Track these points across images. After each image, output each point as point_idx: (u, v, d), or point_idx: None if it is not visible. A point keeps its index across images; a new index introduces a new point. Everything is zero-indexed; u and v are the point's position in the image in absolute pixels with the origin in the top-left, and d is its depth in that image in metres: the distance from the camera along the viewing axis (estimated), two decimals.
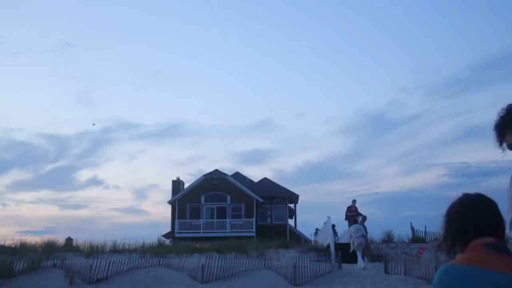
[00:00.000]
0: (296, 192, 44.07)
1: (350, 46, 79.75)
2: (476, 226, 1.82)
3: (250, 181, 45.78)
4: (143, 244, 21.75)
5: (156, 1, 77.57)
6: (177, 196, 42.10)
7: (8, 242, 21.49)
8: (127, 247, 21.78)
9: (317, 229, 33.10)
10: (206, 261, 16.83)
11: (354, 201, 21.00)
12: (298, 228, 44.67)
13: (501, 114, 2.30)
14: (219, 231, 39.58)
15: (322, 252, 19.79)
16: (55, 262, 17.63)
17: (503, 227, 1.87)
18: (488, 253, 1.76)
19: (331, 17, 79.93)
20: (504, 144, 2.25)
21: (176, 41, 79.62)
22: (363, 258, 16.84)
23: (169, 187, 44.81)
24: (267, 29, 79.82)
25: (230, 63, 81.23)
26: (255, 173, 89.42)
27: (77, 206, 67.06)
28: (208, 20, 79.27)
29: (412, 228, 24.80)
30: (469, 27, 77.09)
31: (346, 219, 20.41)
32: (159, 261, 17.80)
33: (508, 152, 2.26)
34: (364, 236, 17.77)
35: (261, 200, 41.54)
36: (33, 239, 27.60)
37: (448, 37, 78.07)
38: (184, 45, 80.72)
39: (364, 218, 18.90)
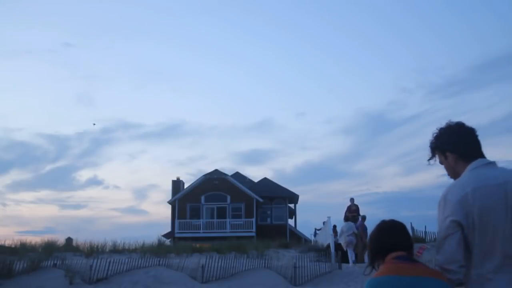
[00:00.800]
0: (296, 192, 44.14)
1: (350, 46, 79.84)
2: (390, 244, 2.49)
3: (250, 181, 45.79)
4: (143, 244, 21.74)
5: (157, 1, 77.62)
6: (177, 196, 42.11)
7: (8, 242, 21.47)
8: (127, 247, 21.76)
9: (316, 229, 33.07)
10: (206, 261, 16.83)
11: (352, 200, 20.88)
12: (298, 228, 44.72)
13: (434, 135, 2.64)
14: (219, 231, 39.60)
15: (322, 252, 19.78)
16: (55, 262, 17.62)
17: (411, 243, 2.57)
18: (397, 263, 2.42)
19: (331, 17, 80.00)
20: (433, 160, 2.67)
21: (176, 42, 79.73)
22: (355, 256, 17.02)
23: (169, 187, 44.89)
24: (267, 29, 79.89)
25: (230, 63, 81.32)
26: (255, 173, 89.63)
27: (77, 206, 67.17)
28: (208, 21, 79.33)
29: (412, 228, 24.76)
30: (469, 27, 77.20)
31: (345, 220, 20.17)
32: (159, 261, 17.79)
33: (439, 165, 2.66)
34: (356, 234, 17.86)
35: (261, 200, 41.55)
36: (33, 239, 27.58)
37: (448, 37, 78.17)
38: (184, 46, 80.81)
39: (364, 217, 18.88)
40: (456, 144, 2.52)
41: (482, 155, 2.51)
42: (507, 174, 2.39)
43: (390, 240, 2.51)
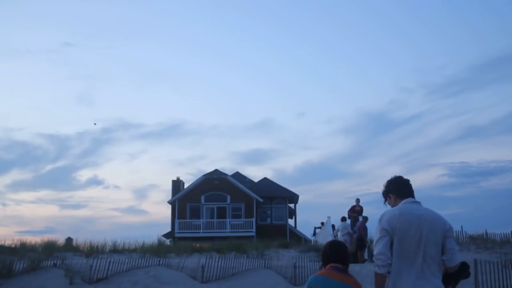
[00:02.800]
0: (296, 192, 44.12)
1: (351, 47, 79.86)
2: (331, 257, 3.80)
3: (250, 181, 45.78)
4: (143, 244, 21.71)
5: (157, 2, 77.59)
6: (177, 196, 42.10)
7: (8, 242, 21.46)
8: (127, 247, 21.74)
9: (315, 228, 33.01)
10: (206, 261, 16.83)
11: (358, 200, 20.66)
12: (298, 228, 44.70)
13: (384, 185, 4.08)
14: (219, 231, 39.58)
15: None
16: (55, 262, 17.62)
17: (348, 258, 3.83)
18: (331, 270, 3.71)
19: (332, 18, 80.00)
20: (387, 202, 4.09)
21: (177, 42, 79.75)
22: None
23: (169, 187, 44.86)
24: (267, 30, 79.89)
25: (230, 63, 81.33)
26: (255, 173, 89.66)
27: (77, 206, 67.14)
28: (208, 21, 79.37)
29: None
30: (469, 27, 77.20)
31: (343, 220, 20.09)
32: (159, 261, 17.78)
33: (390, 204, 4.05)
34: (351, 234, 17.86)
35: (261, 200, 41.54)
36: (33, 239, 27.57)
37: (449, 37, 78.18)
38: (185, 46, 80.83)
39: (365, 218, 18.85)
40: (395, 189, 3.98)
41: (411, 196, 3.94)
42: (424, 210, 3.83)
43: (332, 254, 3.82)
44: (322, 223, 27.55)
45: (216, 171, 42.77)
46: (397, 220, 3.70)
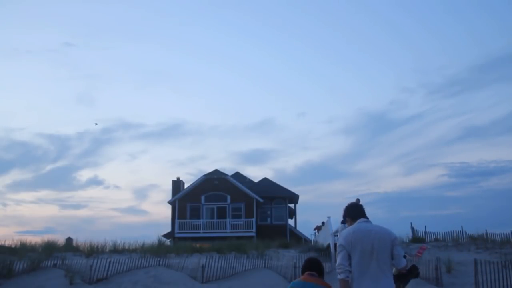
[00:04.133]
0: (296, 192, 44.07)
1: (351, 47, 79.86)
2: (308, 267, 4.89)
3: (250, 181, 45.76)
4: (143, 244, 21.71)
5: (158, 3, 77.61)
6: (177, 196, 42.09)
7: (8, 242, 21.46)
8: (127, 247, 21.74)
9: (317, 226, 32.94)
10: (206, 261, 16.83)
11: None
12: (298, 228, 44.66)
13: (343, 211, 5.03)
14: (219, 231, 39.56)
15: (322, 252, 19.77)
16: (55, 262, 17.63)
17: (321, 268, 4.91)
18: (308, 276, 4.81)
19: (332, 19, 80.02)
20: (346, 224, 4.97)
21: (177, 42, 79.75)
22: None
23: (169, 187, 44.82)
24: (268, 31, 79.89)
25: (230, 64, 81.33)
26: (255, 173, 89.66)
27: (77, 206, 67.10)
28: (209, 22, 79.37)
29: (412, 228, 24.78)
30: (469, 28, 77.18)
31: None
32: (159, 261, 17.79)
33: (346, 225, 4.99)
34: None
35: (261, 200, 41.52)
36: (33, 239, 27.57)
37: (449, 37, 78.18)
38: (185, 47, 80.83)
39: None
40: (350, 214, 4.94)
41: (363, 216, 4.85)
42: (373, 226, 4.73)
43: (309, 266, 4.95)
44: (323, 223, 27.56)
45: (216, 171, 42.76)
46: (352, 236, 4.65)
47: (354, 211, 4.93)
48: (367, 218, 4.88)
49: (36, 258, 17.51)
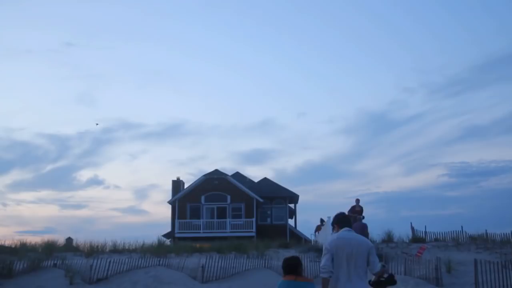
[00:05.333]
0: (296, 192, 44.08)
1: (351, 47, 79.89)
2: (287, 269, 5.49)
3: (250, 181, 45.74)
4: (143, 244, 21.70)
5: (158, 3, 77.60)
6: (177, 196, 42.08)
7: (8, 242, 21.45)
8: (127, 247, 21.73)
9: (318, 226, 32.79)
10: (206, 261, 16.82)
11: (358, 201, 20.60)
12: (298, 228, 44.65)
13: (332, 219, 5.89)
14: (219, 231, 39.56)
15: (322, 252, 19.73)
16: (55, 262, 17.61)
17: (300, 269, 5.45)
18: (289, 275, 5.41)
19: (332, 20, 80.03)
20: (334, 230, 5.78)
21: (178, 42, 79.76)
22: None
23: (169, 187, 44.82)
24: (268, 31, 79.91)
25: (230, 64, 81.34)
26: (256, 173, 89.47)
27: (78, 206, 67.13)
28: (209, 22, 79.36)
29: (412, 228, 24.75)
30: (469, 28, 77.18)
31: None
32: (159, 261, 17.77)
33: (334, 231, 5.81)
34: None
35: (261, 200, 41.51)
36: (33, 239, 27.56)
37: (449, 37, 78.20)
38: (185, 47, 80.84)
39: (362, 218, 18.82)
40: (337, 222, 5.77)
41: (348, 226, 5.69)
42: (354, 235, 5.59)
43: (287, 267, 5.50)
44: (322, 220, 27.49)
45: (216, 171, 42.75)
46: (336, 242, 5.49)
47: (343, 221, 5.77)
48: (350, 228, 5.70)
49: (36, 258, 17.49)
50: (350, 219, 5.92)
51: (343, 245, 5.39)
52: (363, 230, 17.82)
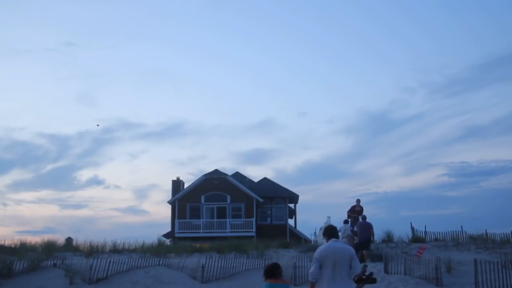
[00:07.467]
0: (296, 192, 44.06)
1: (351, 48, 79.91)
2: (268, 273, 6.85)
3: (250, 181, 45.73)
4: (143, 244, 21.72)
5: (159, 3, 77.61)
6: (177, 196, 42.07)
7: (8, 242, 21.46)
8: (127, 247, 21.74)
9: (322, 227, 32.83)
10: (206, 261, 16.82)
11: (358, 201, 20.50)
12: (298, 228, 44.65)
13: (323, 231, 7.10)
14: (219, 231, 39.55)
15: None
16: (55, 262, 17.62)
17: (280, 272, 6.89)
18: (271, 279, 6.80)
19: (332, 20, 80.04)
20: (324, 240, 6.85)
21: (177, 43, 79.78)
22: None
23: (169, 187, 44.79)
24: (268, 31, 79.90)
25: (231, 64, 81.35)
26: (256, 173, 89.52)
27: (78, 206, 67.12)
28: (209, 23, 79.39)
29: (412, 228, 24.73)
30: (469, 28, 77.18)
31: (348, 218, 19.92)
32: (159, 261, 17.78)
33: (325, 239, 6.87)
34: (350, 237, 17.87)
35: (261, 200, 41.51)
36: (33, 239, 27.54)
37: (449, 37, 78.22)
38: (186, 47, 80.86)
39: (364, 217, 18.80)
40: (327, 234, 6.79)
41: (335, 237, 6.74)
42: (340, 245, 6.66)
43: (269, 271, 6.77)
44: (324, 223, 27.51)
45: (216, 171, 42.74)
46: (323, 251, 6.50)
47: (331, 232, 6.84)
48: (337, 239, 6.83)
49: (36, 258, 17.51)
50: (338, 232, 6.78)
51: (330, 254, 6.42)
52: (368, 229, 17.81)
